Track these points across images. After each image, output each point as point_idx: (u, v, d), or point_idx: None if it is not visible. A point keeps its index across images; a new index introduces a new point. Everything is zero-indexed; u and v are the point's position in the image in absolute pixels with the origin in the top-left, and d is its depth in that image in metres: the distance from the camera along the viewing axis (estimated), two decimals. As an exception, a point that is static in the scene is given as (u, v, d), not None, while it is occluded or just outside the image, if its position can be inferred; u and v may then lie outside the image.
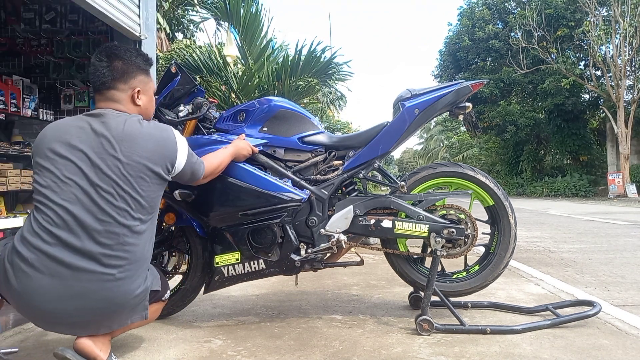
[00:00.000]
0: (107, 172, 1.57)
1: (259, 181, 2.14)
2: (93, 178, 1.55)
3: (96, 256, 1.52)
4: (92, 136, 1.60)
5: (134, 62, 1.76)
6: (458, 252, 2.26)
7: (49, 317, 1.56)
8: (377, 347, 1.95)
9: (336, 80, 6.26)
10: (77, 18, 4.10)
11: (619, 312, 2.45)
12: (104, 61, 1.71)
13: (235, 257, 2.23)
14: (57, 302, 1.51)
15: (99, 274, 1.52)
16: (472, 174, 2.33)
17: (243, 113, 2.32)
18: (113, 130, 1.62)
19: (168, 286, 1.91)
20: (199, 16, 10.43)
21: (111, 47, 1.76)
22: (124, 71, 1.73)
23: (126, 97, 1.74)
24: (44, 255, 1.49)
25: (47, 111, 4.05)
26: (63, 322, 1.58)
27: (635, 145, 20.46)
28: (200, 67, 5.36)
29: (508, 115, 23.41)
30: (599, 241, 5.38)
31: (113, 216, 1.55)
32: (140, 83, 1.77)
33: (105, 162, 1.57)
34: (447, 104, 2.26)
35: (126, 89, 1.73)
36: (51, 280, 1.49)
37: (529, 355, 1.84)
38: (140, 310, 1.68)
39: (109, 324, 1.63)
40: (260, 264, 2.23)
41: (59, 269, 1.49)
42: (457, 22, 25.22)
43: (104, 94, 1.72)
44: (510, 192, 24.07)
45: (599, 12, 19.04)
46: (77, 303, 1.52)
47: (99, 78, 1.70)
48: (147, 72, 1.82)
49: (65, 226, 1.51)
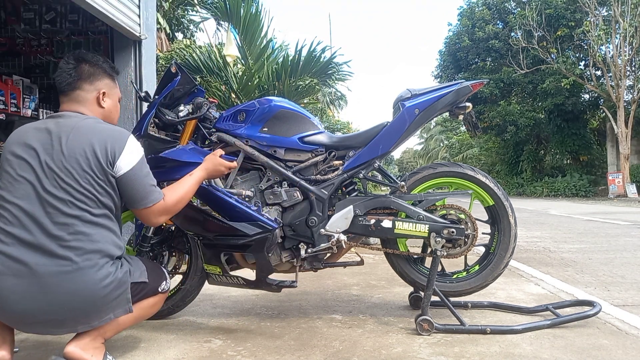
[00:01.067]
0: (52, 166, 1.58)
1: (223, 210, 2.04)
2: (39, 173, 1.57)
3: (50, 248, 1.52)
4: (45, 135, 1.63)
5: (100, 66, 1.79)
6: (458, 252, 2.26)
7: (23, 319, 1.57)
8: (377, 347, 1.95)
9: (336, 80, 6.26)
10: (77, 18, 4.10)
11: (619, 312, 2.45)
12: (71, 63, 1.74)
13: (217, 270, 2.22)
14: (25, 302, 1.51)
15: (55, 266, 1.52)
16: (472, 174, 2.33)
17: (243, 113, 2.32)
18: (65, 127, 1.64)
19: (164, 278, 1.85)
20: (199, 16, 10.43)
21: (80, 52, 1.80)
22: (90, 73, 1.76)
23: (91, 98, 1.76)
24: (4, 256, 1.51)
25: (47, 111, 4.05)
26: (37, 322, 1.58)
27: (635, 145, 20.47)
28: (200, 67, 5.36)
29: (508, 115, 23.41)
30: (599, 241, 5.38)
31: (58, 207, 1.55)
32: (106, 86, 1.80)
33: (51, 157, 1.59)
34: (447, 104, 2.25)
35: (91, 90, 1.76)
36: (15, 280, 1.50)
37: (529, 355, 1.84)
38: (123, 304, 1.65)
39: (86, 320, 1.59)
40: (239, 280, 2.23)
41: (19, 268, 1.51)
42: (457, 22, 25.24)
43: (69, 95, 1.74)
44: (510, 192, 24.07)
45: (599, 12, 19.05)
46: (43, 299, 1.52)
47: (64, 79, 1.73)
48: (113, 78, 1.85)
49: (19, 223, 1.54)
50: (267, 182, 2.27)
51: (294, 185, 2.27)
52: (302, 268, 2.30)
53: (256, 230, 2.03)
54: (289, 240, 2.26)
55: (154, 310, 1.85)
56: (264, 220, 2.05)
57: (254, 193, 2.26)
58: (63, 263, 1.53)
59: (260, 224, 2.04)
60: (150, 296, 1.78)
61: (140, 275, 1.73)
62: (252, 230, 2.03)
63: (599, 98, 21.70)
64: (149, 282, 1.76)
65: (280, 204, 2.26)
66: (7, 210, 1.55)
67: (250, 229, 2.03)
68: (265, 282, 2.20)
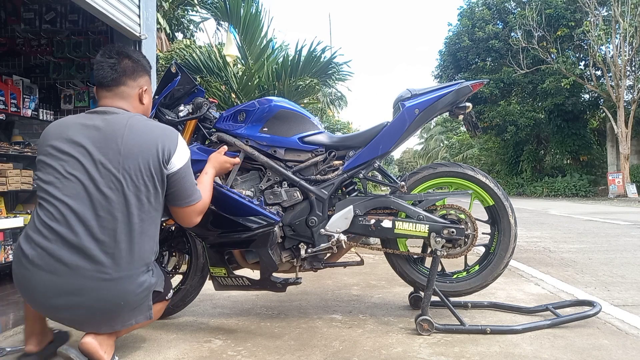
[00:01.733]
0: (109, 166, 1.57)
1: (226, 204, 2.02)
2: (94, 173, 1.56)
3: (92, 253, 1.52)
4: (94, 132, 1.61)
5: (141, 62, 1.79)
6: (458, 252, 2.26)
7: (53, 312, 1.60)
8: (377, 347, 1.95)
9: (336, 80, 6.26)
10: (77, 18, 4.10)
11: (619, 312, 2.45)
12: (114, 57, 1.72)
13: (223, 272, 2.23)
14: (56, 298, 1.53)
15: (94, 272, 1.52)
16: (472, 174, 2.33)
17: (243, 113, 2.32)
18: (116, 124, 1.62)
19: (171, 285, 1.91)
20: (199, 16, 10.45)
21: (118, 46, 1.79)
22: (134, 69, 1.75)
23: (134, 94, 1.76)
24: (44, 251, 1.51)
25: (47, 111, 4.05)
26: (65, 318, 1.61)
27: (635, 145, 20.46)
28: (200, 67, 5.36)
29: (508, 115, 23.41)
30: (599, 241, 5.38)
31: (110, 211, 1.55)
32: (146, 83, 1.81)
33: (107, 156, 1.58)
34: (447, 104, 2.25)
35: (135, 86, 1.76)
36: (50, 276, 1.51)
37: (529, 355, 1.84)
38: (145, 310, 1.68)
39: (111, 324, 1.62)
40: (244, 280, 2.22)
41: (56, 266, 1.51)
42: (457, 22, 25.21)
43: (113, 90, 1.72)
44: (510, 192, 24.07)
45: (599, 12, 19.04)
46: (74, 300, 1.53)
47: (109, 74, 1.70)
48: (150, 75, 1.86)
49: (64, 221, 1.52)
50: (267, 182, 2.27)
51: (294, 185, 2.27)
52: (302, 268, 2.30)
53: (259, 224, 2.02)
54: (289, 240, 2.26)
55: (158, 316, 1.88)
56: (267, 213, 2.05)
57: (254, 193, 2.26)
58: (102, 270, 1.53)
59: (263, 218, 2.03)
60: (159, 302, 1.80)
61: (159, 283, 1.75)
62: (255, 223, 2.02)
63: (599, 98, 21.69)
64: (163, 291, 1.79)
65: (280, 204, 2.26)
66: (53, 207, 1.53)
67: (253, 223, 2.03)
68: (270, 280, 2.19)
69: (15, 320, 2.39)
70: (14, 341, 2.06)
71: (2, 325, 2.32)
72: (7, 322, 2.38)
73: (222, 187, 2.07)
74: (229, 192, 2.06)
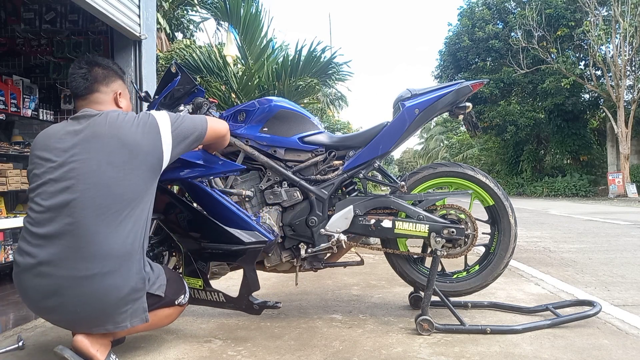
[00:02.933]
0: (88, 166, 1.60)
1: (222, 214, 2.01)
2: (76, 175, 1.59)
3: (65, 253, 1.54)
4: (75, 136, 1.65)
5: (112, 68, 1.86)
6: (458, 252, 2.26)
7: (46, 314, 1.65)
8: (377, 347, 1.95)
9: (336, 80, 6.27)
10: (77, 18, 4.10)
11: (619, 312, 2.45)
12: (84, 68, 1.78)
13: (199, 284, 2.15)
14: (45, 300, 1.57)
15: (73, 270, 1.54)
16: (472, 174, 2.33)
17: (243, 113, 2.32)
18: (96, 125, 1.66)
19: (183, 291, 1.87)
20: (199, 16, 10.46)
21: (87, 57, 1.86)
22: (105, 75, 1.81)
23: (109, 99, 1.82)
24: (29, 256, 1.56)
25: (47, 111, 4.05)
26: (57, 319, 1.65)
27: (636, 145, 20.46)
28: (200, 67, 5.36)
29: (508, 115, 23.41)
30: (599, 241, 5.38)
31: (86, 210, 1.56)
32: (120, 87, 1.87)
33: (89, 155, 1.61)
34: (447, 104, 2.25)
35: (108, 91, 1.81)
36: (38, 280, 1.55)
37: (529, 355, 1.84)
38: (139, 314, 1.64)
39: (101, 324, 1.60)
40: (220, 296, 2.12)
41: (41, 269, 1.55)
42: (457, 22, 25.22)
43: (88, 98, 1.78)
44: (510, 192, 24.07)
45: (599, 12, 19.04)
46: (58, 300, 1.56)
47: (81, 83, 1.76)
48: (124, 79, 1.92)
49: (44, 225, 1.56)
50: (267, 182, 2.28)
51: (294, 185, 2.27)
52: (302, 268, 2.30)
53: (252, 240, 2.01)
54: (289, 240, 2.27)
55: (168, 321, 1.87)
56: (262, 231, 2.04)
57: (254, 193, 2.26)
58: (81, 267, 1.54)
59: (258, 234, 2.02)
60: (166, 307, 1.79)
61: (158, 288, 1.73)
62: (248, 238, 2.00)
63: (599, 98, 21.70)
64: (165, 297, 1.77)
65: (280, 204, 2.26)
66: (36, 213, 1.58)
67: (246, 237, 2.00)
68: (248, 300, 2.09)
69: (15, 320, 2.38)
70: (14, 341, 2.06)
71: (2, 325, 2.32)
72: (7, 322, 2.38)
73: (222, 197, 2.08)
74: (228, 203, 2.06)
